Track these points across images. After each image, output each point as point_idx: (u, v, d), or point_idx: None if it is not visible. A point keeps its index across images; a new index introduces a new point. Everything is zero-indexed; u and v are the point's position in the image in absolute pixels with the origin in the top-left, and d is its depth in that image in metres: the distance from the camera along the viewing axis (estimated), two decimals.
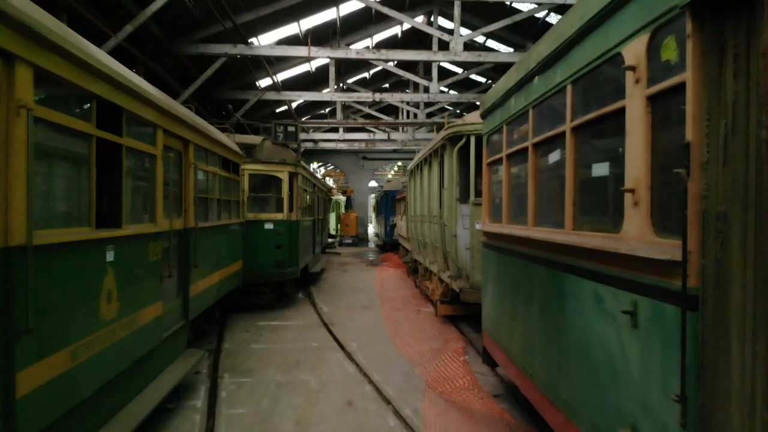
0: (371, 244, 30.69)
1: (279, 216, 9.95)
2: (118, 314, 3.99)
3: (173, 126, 5.27)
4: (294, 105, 22.96)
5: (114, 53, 5.81)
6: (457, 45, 12.81)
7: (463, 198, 7.51)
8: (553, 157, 3.47)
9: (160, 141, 4.91)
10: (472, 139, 6.99)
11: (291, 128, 10.04)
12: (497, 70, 20.98)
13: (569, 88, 3.08)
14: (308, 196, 13.10)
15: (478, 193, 7.15)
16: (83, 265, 3.48)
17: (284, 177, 9.99)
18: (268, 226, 9.80)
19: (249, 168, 9.67)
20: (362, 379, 5.99)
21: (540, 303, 3.55)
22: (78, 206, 3.58)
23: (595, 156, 2.96)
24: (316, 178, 15.00)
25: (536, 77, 3.68)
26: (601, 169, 2.83)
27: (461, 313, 8.43)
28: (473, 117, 7.20)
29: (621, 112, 2.49)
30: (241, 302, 9.72)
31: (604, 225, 2.80)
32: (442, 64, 20.23)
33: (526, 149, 3.88)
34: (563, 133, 3.15)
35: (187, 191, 5.86)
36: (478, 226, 6.85)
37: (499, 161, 4.74)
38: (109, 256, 3.86)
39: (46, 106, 3.04)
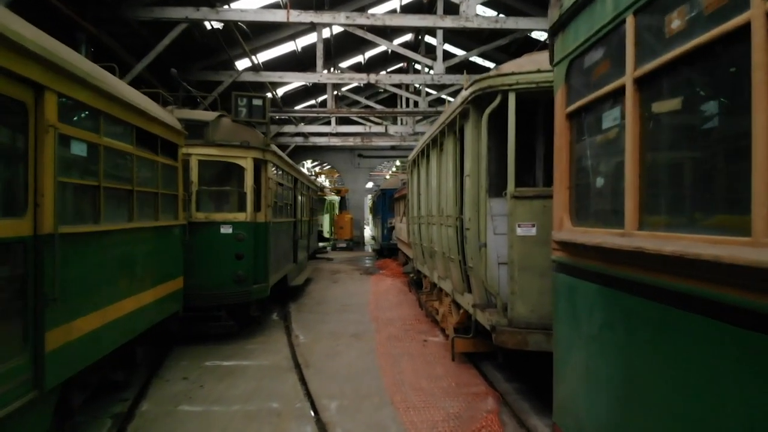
0: (367, 248, 28.31)
1: (240, 216, 7.52)
2: None
3: None
4: (280, 93, 20.54)
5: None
6: (468, 8, 10.45)
7: (496, 189, 5.08)
8: None
9: None
10: (512, 98, 4.56)
11: (257, 102, 7.61)
12: (508, 51, 18.53)
13: None
14: (286, 192, 10.68)
15: (521, 182, 4.73)
16: None
17: (247, 165, 7.57)
18: (226, 229, 7.38)
19: (199, 152, 7.26)
20: None
21: None
22: None
23: None
24: (297, 170, 12.58)
25: None
26: None
27: (486, 349, 6.04)
28: (512, 66, 4.79)
29: None
30: (190, 331, 7.29)
31: None
32: (444, 47, 17.80)
33: (732, 40, 1.49)
34: None
35: (41, 172, 3.45)
36: (521, 231, 4.45)
37: (606, 101, 2.34)
38: None
39: None
